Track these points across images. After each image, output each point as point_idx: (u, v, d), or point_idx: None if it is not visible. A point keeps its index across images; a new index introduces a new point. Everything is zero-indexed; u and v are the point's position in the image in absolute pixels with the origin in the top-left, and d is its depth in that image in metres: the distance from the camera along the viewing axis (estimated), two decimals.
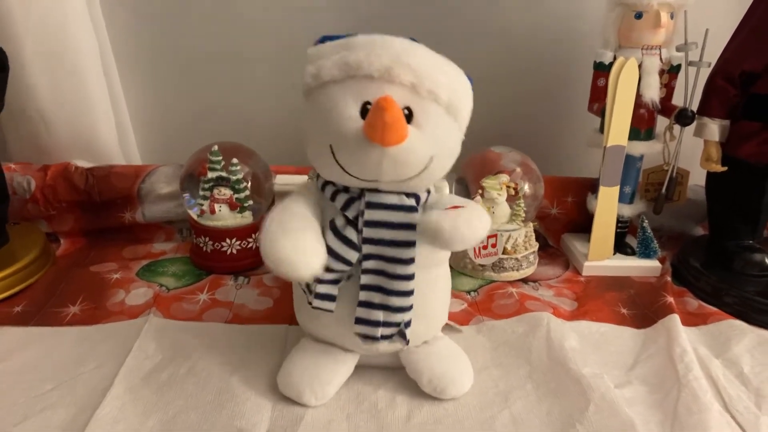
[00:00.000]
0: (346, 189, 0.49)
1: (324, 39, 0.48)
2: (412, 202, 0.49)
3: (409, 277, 0.49)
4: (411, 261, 0.49)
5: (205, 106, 0.94)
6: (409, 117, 0.45)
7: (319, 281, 0.50)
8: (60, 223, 0.85)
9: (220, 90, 0.93)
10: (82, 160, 0.88)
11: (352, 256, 0.49)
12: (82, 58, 0.83)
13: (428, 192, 0.52)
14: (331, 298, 0.51)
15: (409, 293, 0.50)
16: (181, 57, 0.91)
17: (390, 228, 0.49)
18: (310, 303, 0.51)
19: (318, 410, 0.53)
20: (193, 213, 0.77)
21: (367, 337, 0.52)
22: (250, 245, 0.77)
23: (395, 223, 0.49)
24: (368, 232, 0.49)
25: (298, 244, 0.45)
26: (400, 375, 0.57)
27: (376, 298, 0.50)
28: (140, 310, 0.67)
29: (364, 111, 0.44)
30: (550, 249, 0.89)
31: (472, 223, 0.46)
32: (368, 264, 0.50)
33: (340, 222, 0.49)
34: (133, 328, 0.63)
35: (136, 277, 0.75)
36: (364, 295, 0.51)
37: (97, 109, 0.86)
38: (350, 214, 0.49)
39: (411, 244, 0.49)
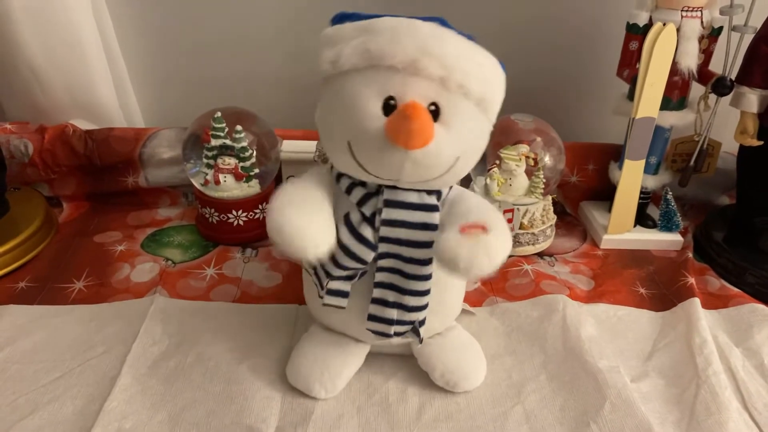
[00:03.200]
0: (363, 183, 0.46)
1: (342, 17, 0.43)
2: (433, 200, 0.46)
3: (426, 278, 0.47)
4: (429, 261, 0.46)
5: (208, 64, 0.88)
6: (435, 113, 0.41)
7: (332, 277, 0.48)
8: (62, 187, 0.82)
9: (223, 48, 0.87)
10: (80, 120, 0.84)
11: (368, 255, 0.46)
12: (72, 13, 0.77)
13: (450, 187, 0.48)
14: (343, 294, 0.49)
15: (426, 293, 0.48)
16: (182, 14, 0.85)
17: (409, 228, 0.46)
18: (321, 298, 0.49)
19: (328, 403, 0.52)
20: (197, 182, 0.74)
21: (379, 333, 0.50)
22: (257, 216, 0.75)
23: (414, 222, 0.46)
24: (385, 231, 0.46)
25: (307, 221, 0.43)
26: (411, 363, 0.56)
27: (391, 296, 0.48)
28: (146, 288, 0.66)
29: (387, 107, 0.40)
30: (568, 218, 0.86)
31: (492, 251, 0.41)
32: (384, 262, 0.47)
33: (355, 218, 0.46)
34: (140, 308, 0.62)
35: (141, 249, 0.73)
36: (378, 293, 0.48)
37: (92, 67, 0.81)
38: (367, 210, 0.46)
39: (430, 244, 0.46)
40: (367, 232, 0.46)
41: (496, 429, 0.50)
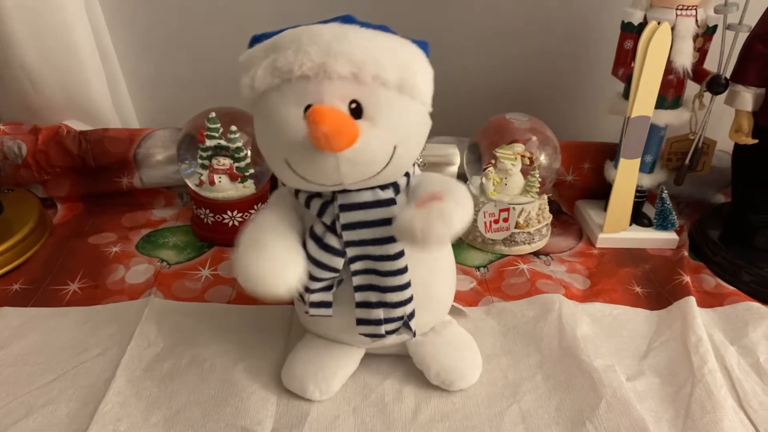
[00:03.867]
0: (318, 194, 0.46)
1: (254, 40, 0.44)
2: (388, 194, 0.45)
3: (402, 271, 0.47)
4: (400, 255, 0.46)
5: (202, 64, 0.88)
6: (358, 111, 0.41)
7: (311, 291, 0.48)
8: (56, 188, 0.82)
9: (217, 48, 0.86)
10: (75, 120, 0.84)
11: (337, 262, 0.46)
12: (66, 13, 0.77)
13: (407, 175, 0.47)
14: (326, 304, 0.49)
15: (405, 286, 0.48)
16: (176, 14, 0.85)
17: (369, 227, 0.46)
18: (306, 312, 0.49)
19: (324, 405, 0.52)
20: (192, 183, 0.74)
21: (372, 336, 0.50)
22: (252, 216, 0.74)
23: (374, 220, 0.46)
24: (348, 235, 0.46)
25: (269, 260, 0.43)
26: (407, 363, 0.56)
27: (373, 297, 0.48)
28: (141, 290, 0.65)
29: None
30: (564, 216, 0.85)
31: (447, 216, 0.41)
32: (356, 266, 0.47)
33: (319, 229, 0.46)
34: (134, 310, 0.62)
35: (135, 250, 0.73)
36: (360, 296, 0.48)
37: (86, 68, 0.81)
38: (327, 219, 0.46)
39: (395, 238, 0.46)
40: (332, 240, 0.46)
41: (492, 429, 0.50)
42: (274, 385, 0.53)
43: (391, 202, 0.45)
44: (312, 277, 0.46)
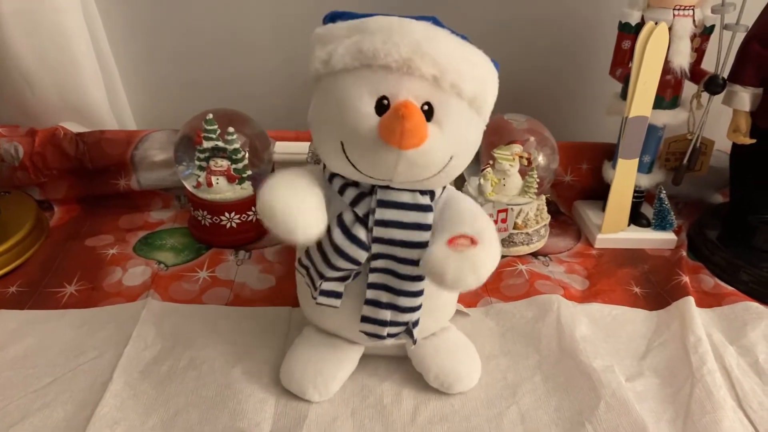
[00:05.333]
0: (356, 183, 0.46)
1: (334, 16, 0.43)
2: (426, 200, 0.45)
3: (420, 278, 0.47)
4: None
5: (199, 66, 0.88)
6: (428, 113, 0.41)
7: (325, 278, 0.47)
8: (53, 191, 0.82)
9: (214, 50, 0.87)
10: (72, 122, 0.84)
11: (361, 255, 0.46)
12: (63, 16, 0.76)
13: (444, 187, 0.48)
14: (336, 294, 0.49)
15: (419, 293, 0.48)
16: (173, 16, 0.84)
17: (402, 228, 0.45)
18: (314, 298, 0.49)
19: (322, 406, 0.52)
20: (189, 185, 0.73)
21: (373, 335, 0.50)
22: (250, 218, 0.74)
23: (408, 223, 0.45)
24: (379, 232, 0.45)
25: (299, 202, 0.43)
26: (406, 365, 0.56)
27: (384, 297, 0.48)
28: (138, 292, 0.65)
29: (380, 106, 0.40)
30: (562, 217, 0.85)
31: (480, 268, 0.41)
32: (377, 263, 0.47)
33: (348, 218, 0.46)
34: (131, 312, 0.62)
35: (133, 253, 0.72)
36: (371, 294, 0.48)
37: (83, 70, 0.81)
38: (360, 211, 0.45)
39: (423, 245, 0.45)
40: (361, 232, 0.45)
41: (491, 430, 0.50)
42: (272, 386, 0.53)
43: (428, 208, 0.45)
44: (330, 265, 0.46)
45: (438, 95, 0.40)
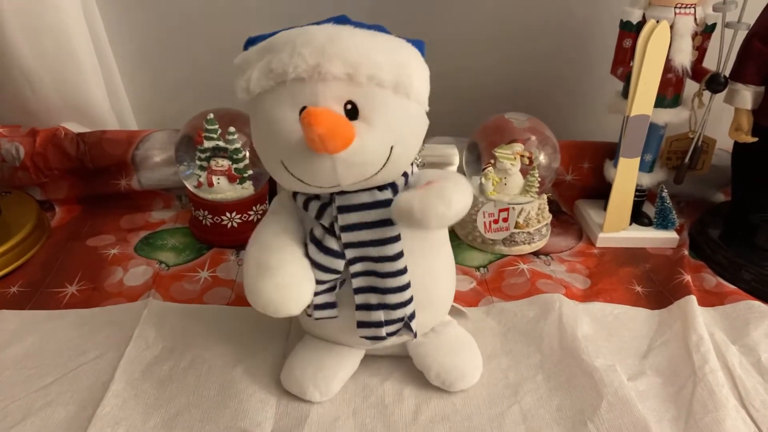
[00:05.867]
0: (316, 196, 0.46)
1: (248, 43, 0.44)
2: (386, 194, 0.45)
3: (401, 272, 0.47)
4: (399, 256, 0.46)
5: (200, 65, 0.88)
6: (353, 112, 0.41)
7: (315, 294, 0.47)
8: (54, 191, 0.82)
9: (215, 49, 0.86)
10: (73, 123, 0.84)
11: (338, 264, 0.46)
12: (63, 15, 0.76)
13: (405, 175, 0.47)
14: (331, 305, 0.49)
15: (405, 287, 0.47)
16: (173, 16, 0.84)
17: (368, 228, 0.46)
18: (310, 315, 0.49)
19: (323, 406, 0.52)
20: (190, 185, 0.73)
21: (373, 338, 0.50)
22: (251, 218, 0.74)
23: (372, 221, 0.45)
24: (347, 237, 0.46)
25: (280, 285, 0.43)
26: (407, 364, 0.56)
27: (373, 299, 0.48)
28: (139, 292, 0.65)
29: None
30: (563, 216, 0.85)
31: (447, 194, 0.41)
32: (356, 267, 0.47)
33: (318, 232, 0.46)
34: (133, 312, 0.62)
35: (134, 253, 0.73)
36: (360, 298, 0.48)
37: (84, 69, 0.81)
38: (325, 222, 0.46)
39: (395, 239, 0.46)
40: (331, 242, 0.46)
41: (493, 429, 0.50)
42: (274, 386, 0.53)
43: (389, 203, 0.45)
44: (315, 281, 0.46)
45: (357, 91, 0.40)
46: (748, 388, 0.55)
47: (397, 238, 0.46)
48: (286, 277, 0.44)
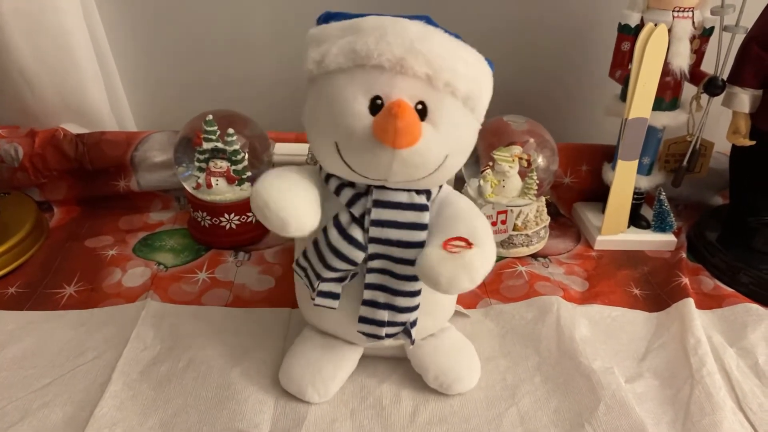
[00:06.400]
0: (351, 184, 0.46)
1: (327, 17, 0.43)
2: (422, 199, 0.45)
3: (417, 278, 0.46)
4: None
5: (199, 67, 0.88)
6: (422, 112, 0.41)
7: (322, 279, 0.47)
8: (53, 192, 0.82)
9: (214, 51, 0.87)
10: (72, 124, 0.84)
11: (357, 255, 0.46)
12: (63, 16, 0.76)
13: (440, 186, 0.48)
14: (334, 296, 0.48)
15: (417, 293, 0.47)
16: (173, 17, 0.84)
17: (398, 228, 0.45)
18: (312, 299, 0.49)
19: (321, 407, 0.52)
20: (188, 186, 0.73)
21: (370, 336, 0.50)
22: (249, 219, 0.74)
23: (404, 222, 0.45)
24: (375, 232, 0.45)
25: (293, 197, 0.43)
26: (405, 366, 0.56)
27: (381, 297, 0.48)
28: (138, 293, 0.65)
29: (374, 106, 0.40)
30: (562, 219, 0.85)
31: (474, 271, 0.41)
32: (374, 263, 0.47)
33: (344, 219, 0.46)
34: (131, 313, 0.62)
35: (132, 254, 0.72)
36: (368, 294, 0.48)
37: (84, 71, 0.81)
38: (356, 211, 0.45)
39: (420, 245, 0.45)
40: (357, 233, 0.45)
41: (491, 431, 0.50)
42: (272, 388, 0.53)
43: (424, 207, 0.45)
44: (327, 265, 0.46)
45: (432, 94, 0.41)
46: (745, 390, 0.55)
47: (422, 244, 0.45)
48: (302, 193, 0.44)
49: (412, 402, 0.53)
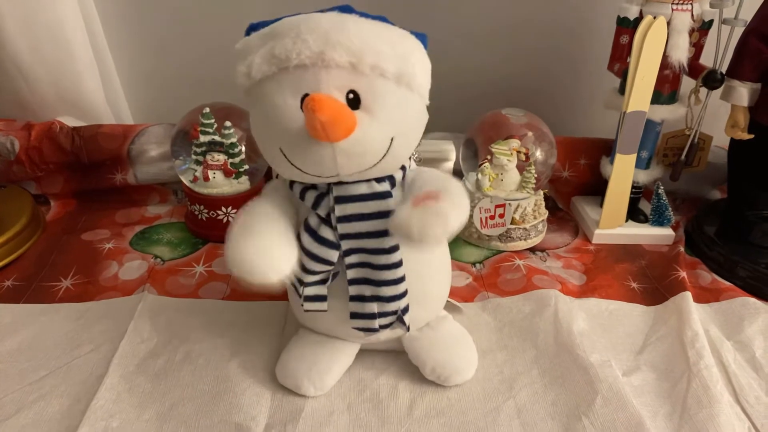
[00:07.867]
0: (314, 185, 0.46)
1: (250, 29, 0.44)
2: (384, 186, 0.45)
3: (396, 265, 0.47)
4: (394, 249, 0.46)
5: (196, 59, 0.87)
6: (355, 101, 0.40)
7: (305, 284, 0.47)
8: (49, 185, 0.81)
9: (211, 43, 0.86)
10: (68, 117, 0.83)
11: (332, 255, 0.46)
12: (59, 9, 0.76)
13: (404, 168, 0.47)
14: (321, 298, 0.49)
15: (400, 280, 0.47)
16: (169, 9, 0.84)
17: (365, 219, 0.45)
18: (302, 305, 0.49)
19: (318, 400, 0.52)
20: (186, 179, 0.73)
21: (366, 330, 0.50)
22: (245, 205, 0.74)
23: (369, 213, 0.45)
24: (343, 228, 0.45)
25: (262, 246, 0.43)
26: (402, 359, 0.56)
27: (367, 290, 0.48)
28: (134, 286, 0.65)
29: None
30: (560, 212, 0.85)
31: (444, 216, 0.41)
32: (351, 259, 0.47)
33: (313, 221, 0.46)
34: (128, 306, 0.62)
35: (129, 247, 0.72)
36: (354, 290, 0.48)
37: (79, 63, 0.80)
38: (321, 212, 0.46)
39: (390, 232, 0.45)
40: (327, 232, 0.45)
41: (488, 424, 0.50)
42: (269, 380, 0.53)
43: (387, 194, 0.45)
44: (307, 270, 0.46)
45: (360, 81, 0.40)
46: (742, 383, 0.55)
47: None
48: (266, 241, 0.43)
49: (410, 395, 0.53)
